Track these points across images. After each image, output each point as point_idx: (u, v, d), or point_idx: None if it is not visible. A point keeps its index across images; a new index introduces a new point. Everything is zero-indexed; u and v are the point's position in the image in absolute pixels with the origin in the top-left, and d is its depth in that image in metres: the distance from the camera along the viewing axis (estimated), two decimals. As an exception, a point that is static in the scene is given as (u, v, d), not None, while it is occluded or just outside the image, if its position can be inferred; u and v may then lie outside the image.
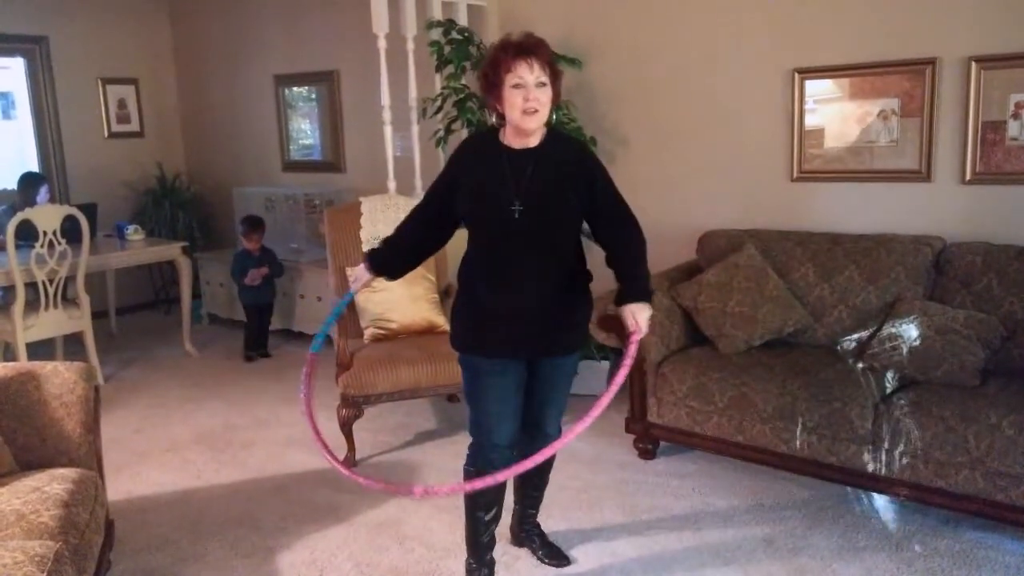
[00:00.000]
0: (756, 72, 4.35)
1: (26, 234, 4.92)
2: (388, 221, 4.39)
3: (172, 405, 4.95)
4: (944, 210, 3.88)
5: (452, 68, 4.69)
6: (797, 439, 3.39)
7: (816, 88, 4.18)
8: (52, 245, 4.97)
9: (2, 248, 5.03)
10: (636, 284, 2.57)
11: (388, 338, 4.21)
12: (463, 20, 5.04)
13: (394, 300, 4.20)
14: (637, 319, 2.51)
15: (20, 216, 4.89)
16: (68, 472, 2.69)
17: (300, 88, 6.75)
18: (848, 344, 3.67)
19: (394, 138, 4.99)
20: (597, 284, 2.79)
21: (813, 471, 3.42)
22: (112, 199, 7.07)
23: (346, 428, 3.92)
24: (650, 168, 4.78)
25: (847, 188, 4.16)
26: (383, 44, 4.78)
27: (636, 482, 3.69)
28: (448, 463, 3.89)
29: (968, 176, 3.81)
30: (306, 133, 6.84)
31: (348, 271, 4.02)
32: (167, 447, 4.29)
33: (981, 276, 3.52)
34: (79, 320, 5.26)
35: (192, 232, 7.26)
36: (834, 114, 4.15)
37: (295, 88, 6.77)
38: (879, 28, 3.95)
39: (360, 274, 2.85)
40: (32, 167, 6.77)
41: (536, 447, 2.88)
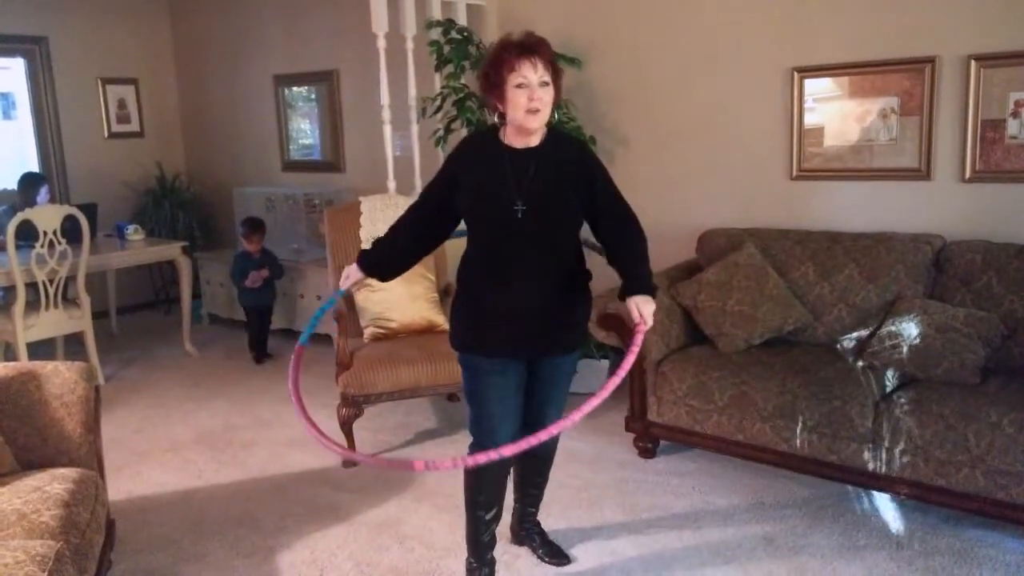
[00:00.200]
0: (755, 71, 4.35)
1: (26, 234, 4.92)
2: (388, 221, 4.35)
3: (172, 405, 4.95)
4: (944, 208, 3.89)
5: (451, 67, 4.69)
6: (797, 438, 3.39)
7: (815, 87, 4.18)
8: (52, 245, 4.97)
9: (2, 248, 5.03)
10: (640, 279, 2.57)
11: (388, 337, 4.21)
12: (462, 20, 5.04)
13: (394, 299, 4.21)
14: (642, 311, 2.50)
15: (20, 216, 4.89)
16: (69, 472, 2.70)
17: (300, 88, 6.75)
18: (848, 342, 3.67)
19: (394, 138, 4.99)
20: (595, 283, 2.79)
21: (813, 470, 3.42)
22: (112, 199, 7.07)
23: (346, 427, 3.92)
24: (650, 167, 4.79)
25: (847, 187, 4.16)
26: (383, 44, 4.78)
27: (636, 481, 3.69)
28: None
29: (968, 174, 3.81)
30: (306, 133, 6.84)
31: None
32: (168, 447, 4.30)
33: (981, 274, 3.52)
34: (79, 320, 5.27)
35: (192, 232, 7.26)
36: (834, 113, 4.15)
37: (295, 88, 6.77)
38: (878, 27, 3.95)
39: (351, 272, 2.83)
40: (32, 167, 6.78)
41: (538, 445, 2.89)
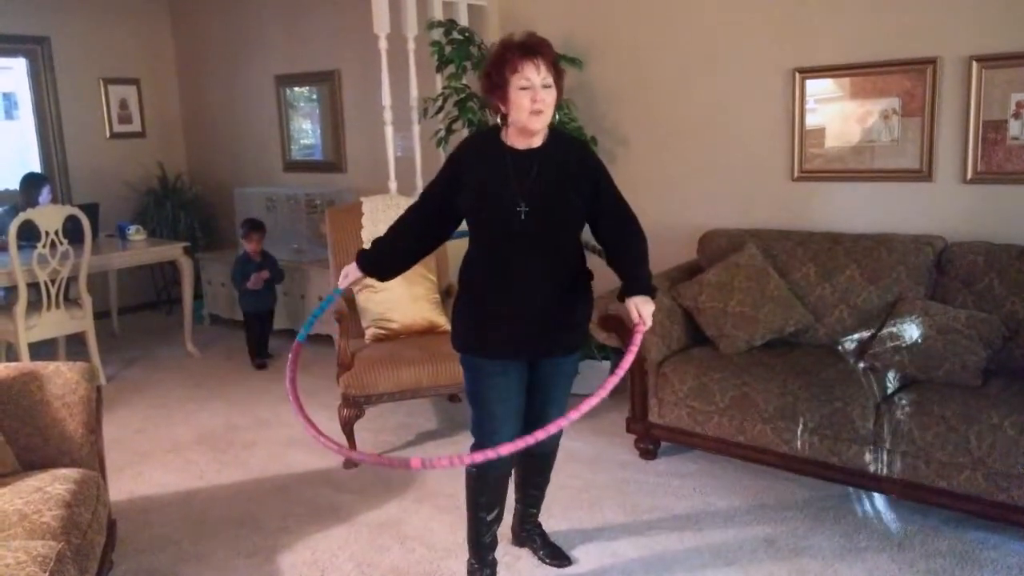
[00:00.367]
0: (757, 72, 4.35)
1: (28, 234, 4.92)
2: (389, 221, 4.30)
3: (174, 405, 4.95)
4: (945, 209, 3.88)
5: (453, 68, 4.69)
6: (798, 439, 3.39)
7: (817, 88, 4.17)
8: (54, 245, 4.97)
9: (4, 248, 5.03)
10: (639, 280, 2.57)
11: (389, 338, 4.21)
12: (464, 20, 5.04)
13: (395, 300, 4.21)
14: (641, 312, 2.50)
15: (22, 216, 4.90)
16: (70, 472, 2.70)
17: (301, 88, 6.75)
18: (849, 344, 3.67)
19: (395, 138, 4.99)
20: (597, 284, 2.79)
21: (814, 471, 3.42)
22: (114, 199, 7.08)
23: (347, 428, 3.93)
24: (651, 168, 4.78)
25: (848, 188, 4.16)
26: (384, 44, 4.79)
27: (637, 482, 3.69)
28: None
29: (969, 175, 3.81)
30: (307, 133, 6.85)
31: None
32: (169, 447, 4.30)
33: (983, 276, 3.52)
34: (81, 320, 5.27)
35: (194, 232, 7.27)
36: (835, 113, 4.15)
37: (296, 88, 6.78)
38: (880, 27, 3.95)
39: (350, 271, 2.82)
40: (34, 167, 6.78)
41: (538, 445, 2.90)
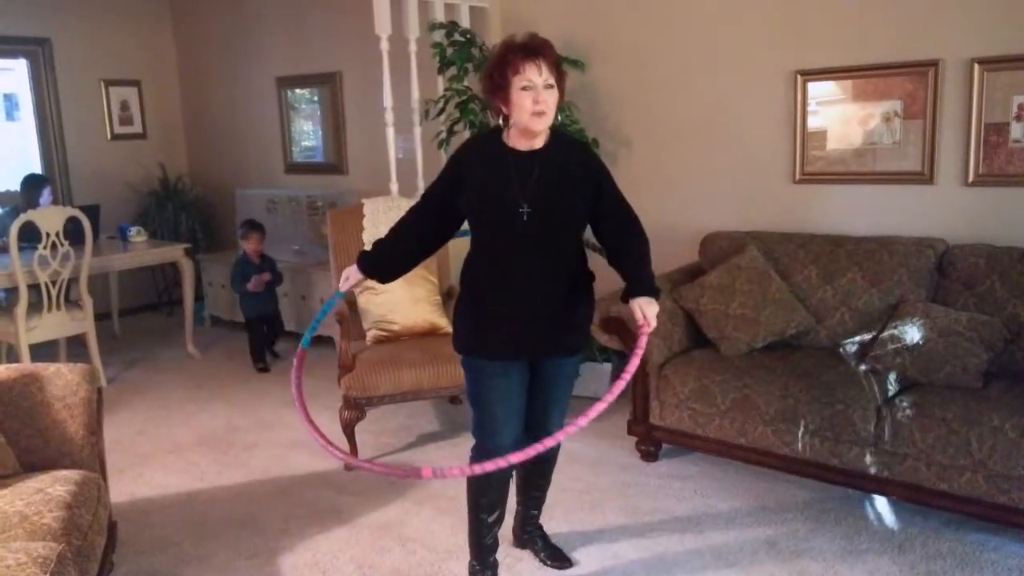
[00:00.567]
0: (758, 74, 4.35)
1: (29, 236, 4.92)
2: (390, 223, 4.31)
3: (174, 407, 4.95)
4: (947, 212, 3.88)
5: (454, 70, 4.70)
6: (799, 441, 3.39)
7: (818, 90, 4.18)
8: (55, 247, 4.97)
9: (5, 250, 5.04)
10: (643, 281, 2.58)
11: (390, 340, 4.21)
12: (465, 22, 5.04)
13: (396, 302, 4.21)
14: (645, 313, 2.50)
15: (23, 218, 4.90)
16: (71, 474, 2.70)
17: (302, 90, 6.76)
18: (850, 346, 3.66)
19: (396, 140, 4.99)
20: (598, 286, 2.79)
21: (816, 473, 3.42)
22: (115, 201, 7.08)
23: (348, 430, 3.92)
24: (652, 170, 4.79)
25: (850, 190, 4.16)
26: (385, 46, 4.79)
27: (638, 484, 3.69)
28: (450, 464, 3.88)
29: (971, 178, 3.81)
30: (308, 135, 6.85)
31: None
32: (170, 449, 4.30)
33: (984, 278, 3.52)
34: (82, 322, 5.27)
35: (195, 234, 7.27)
36: (837, 116, 4.15)
37: (297, 90, 6.78)
38: (881, 30, 3.95)
39: (351, 273, 2.82)
40: (35, 169, 6.78)
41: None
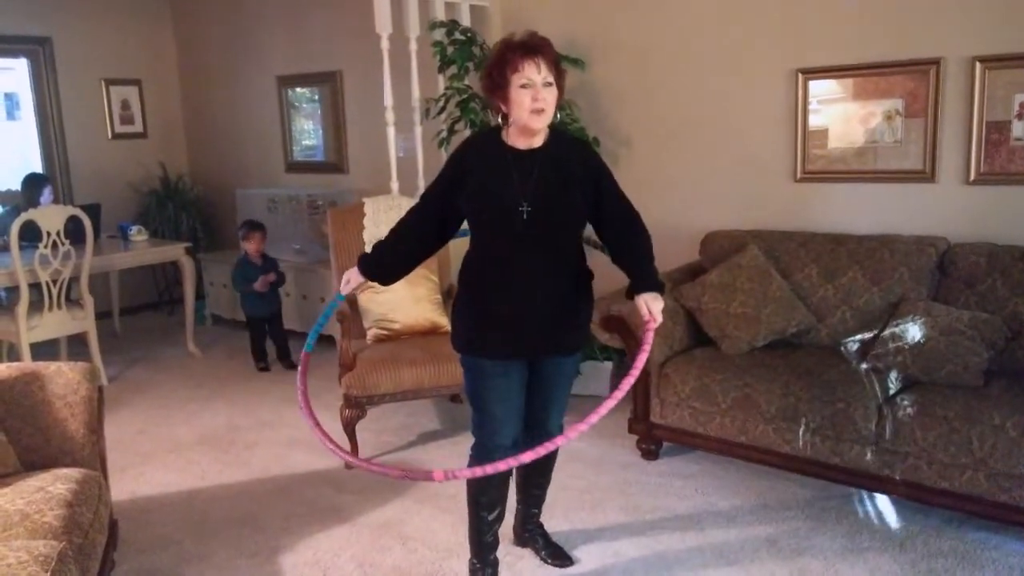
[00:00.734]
0: (759, 72, 4.34)
1: (30, 235, 4.92)
2: (391, 222, 4.32)
3: (175, 406, 4.96)
4: (948, 211, 3.88)
5: (455, 68, 4.69)
6: (800, 440, 3.39)
7: (820, 88, 4.17)
8: (56, 246, 4.98)
9: (6, 249, 5.04)
10: (647, 277, 2.57)
11: (391, 339, 4.21)
12: (466, 20, 5.04)
13: (397, 301, 4.21)
14: (651, 309, 2.50)
15: (24, 217, 4.90)
16: (72, 472, 2.70)
17: (303, 89, 6.75)
18: (851, 345, 3.66)
19: (397, 139, 4.99)
20: (598, 285, 2.79)
21: (817, 472, 3.42)
22: (115, 200, 7.08)
23: (349, 429, 3.92)
24: (653, 168, 4.78)
25: (851, 189, 4.16)
26: (386, 45, 4.79)
27: (639, 482, 3.69)
28: (451, 463, 3.88)
29: (972, 176, 3.81)
30: (309, 134, 6.85)
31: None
32: (171, 447, 4.30)
33: (985, 277, 3.52)
34: (83, 321, 5.27)
35: (195, 233, 7.28)
36: (838, 114, 4.14)
37: (298, 89, 6.78)
38: (883, 28, 3.95)
39: (352, 276, 2.81)
40: (36, 168, 6.79)
41: (538, 442, 2.89)
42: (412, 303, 4.23)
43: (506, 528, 3.09)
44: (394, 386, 3.88)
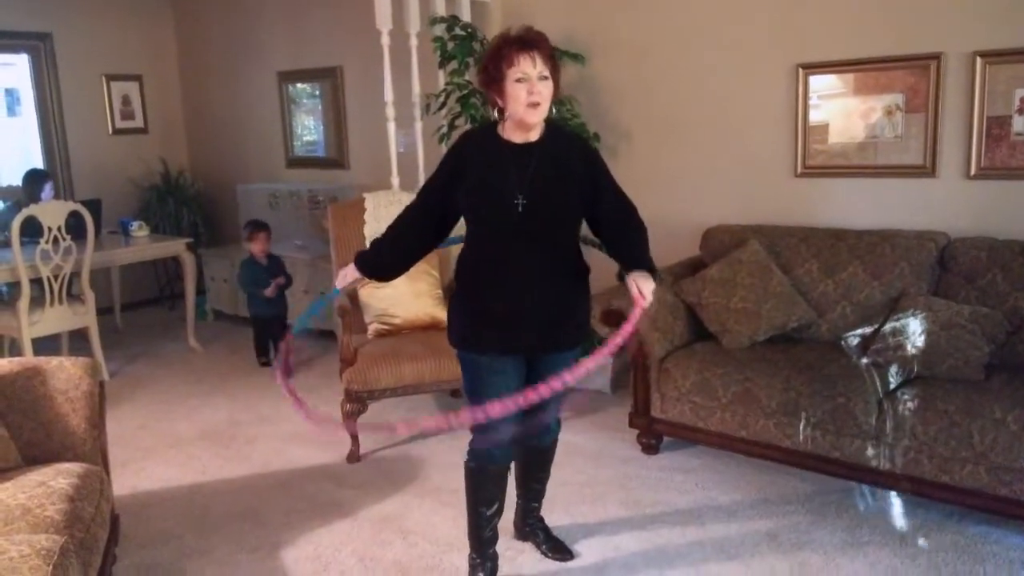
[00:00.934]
0: (760, 67, 4.34)
1: (31, 230, 4.93)
2: (391, 217, 4.28)
3: (176, 401, 4.96)
4: (949, 205, 3.88)
5: (455, 64, 4.69)
6: (801, 434, 3.39)
7: (820, 83, 4.17)
8: (57, 241, 4.98)
9: (7, 244, 5.04)
10: (640, 259, 2.55)
11: (392, 334, 4.21)
12: (466, 16, 5.03)
13: (398, 296, 4.21)
14: (641, 288, 2.46)
15: (25, 212, 4.91)
16: (73, 467, 2.70)
17: (304, 84, 6.75)
18: (852, 340, 3.66)
19: (397, 134, 4.99)
20: (597, 281, 2.79)
21: (817, 466, 3.42)
22: (116, 195, 7.09)
23: (350, 423, 3.93)
24: (653, 164, 4.78)
25: (851, 184, 4.16)
26: (386, 40, 4.78)
27: (639, 477, 3.69)
28: (451, 457, 3.89)
29: (973, 171, 3.80)
30: (310, 129, 6.85)
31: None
32: (171, 443, 4.30)
33: (986, 271, 3.52)
34: (84, 316, 5.28)
35: (196, 228, 7.28)
36: (838, 109, 4.14)
37: (299, 84, 6.78)
38: (883, 23, 3.94)
39: (348, 272, 2.81)
40: (37, 164, 6.79)
41: (537, 437, 2.90)
42: (413, 298, 4.23)
43: (507, 522, 3.10)
44: (395, 381, 3.89)
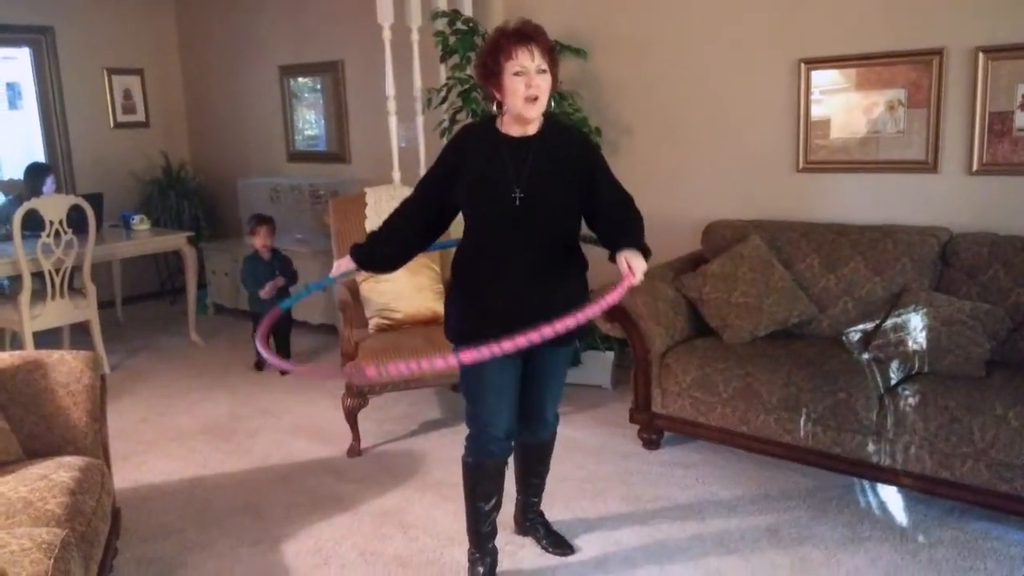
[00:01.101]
0: (762, 62, 4.33)
1: (32, 224, 4.93)
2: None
3: (178, 395, 4.97)
4: (950, 201, 3.87)
5: (457, 58, 4.68)
6: (802, 429, 3.39)
7: (822, 78, 4.16)
8: (58, 235, 4.99)
9: (9, 238, 5.05)
10: (632, 238, 2.47)
11: (393, 328, 4.21)
12: (468, 10, 5.02)
13: (399, 290, 4.21)
14: (631, 264, 2.37)
15: (26, 206, 4.91)
16: (74, 460, 2.71)
17: (305, 79, 6.74)
18: (853, 335, 3.66)
19: (399, 129, 4.99)
20: (597, 277, 2.78)
21: (818, 461, 3.42)
22: (118, 189, 7.09)
23: (351, 417, 3.93)
24: (655, 158, 4.77)
25: (853, 179, 4.15)
26: (388, 34, 4.78)
27: (640, 472, 3.69)
28: (452, 452, 3.87)
29: (975, 167, 3.80)
30: (311, 124, 6.84)
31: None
32: (173, 436, 4.31)
33: (987, 267, 3.51)
34: (85, 309, 5.28)
35: (198, 222, 7.28)
36: (840, 105, 4.13)
37: (300, 79, 6.77)
38: (886, 18, 3.93)
39: (343, 263, 2.80)
40: (38, 157, 6.79)
41: (535, 432, 2.89)
42: (414, 292, 4.23)
43: (507, 517, 3.10)
44: (395, 375, 3.88)
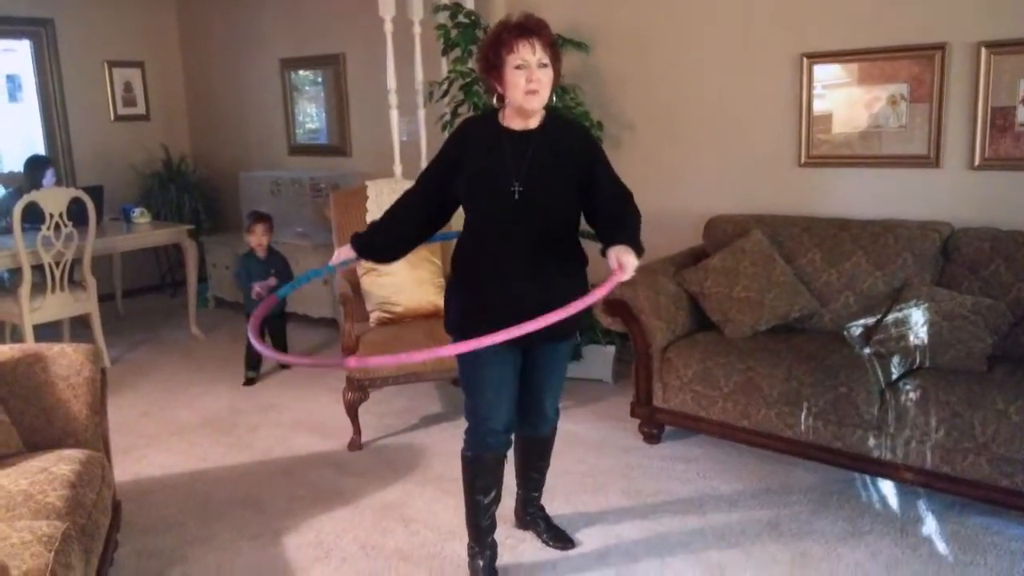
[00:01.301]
0: (764, 57, 4.32)
1: (32, 217, 4.93)
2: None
3: (178, 388, 4.97)
4: (952, 196, 3.86)
5: (459, 52, 4.67)
6: (803, 424, 3.39)
7: (824, 73, 4.15)
8: (58, 228, 4.98)
9: (9, 231, 5.04)
10: (624, 233, 2.44)
11: (394, 322, 4.21)
12: (470, 3, 5.01)
13: (399, 284, 4.20)
14: (621, 260, 2.34)
15: (26, 198, 4.90)
16: (75, 453, 2.71)
17: (306, 72, 6.73)
18: (855, 330, 3.66)
19: (400, 122, 4.98)
20: (595, 272, 2.77)
21: (819, 456, 3.42)
22: (118, 182, 7.09)
23: (351, 411, 3.93)
24: (657, 152, 4.76)
25: (855, 173, 4.14)
26: (389, 28, 4.77)
27: (641, 466, 3.69)
28: (453, 446, 3.85)
29: (977, 162, 3.79)
30: (312, 117, 6.83)
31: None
32: (173, 429, 4.31)
33: (989, 262, 3.51)
34: (86, 302, 5.28)
35: (198, 215, 7.27)
36: (842, 99, 4.12)
37: (301, 72, 6.76)
38: (888, 13, 3.92)
39: (343, 252, 2.79)
40: (38, 150, 6.78)
41: (535, 426, 2.88)
42: (414, 286, 4.23)
43: (508, 511, 3.10)
44: (396, 369, 3.88)
